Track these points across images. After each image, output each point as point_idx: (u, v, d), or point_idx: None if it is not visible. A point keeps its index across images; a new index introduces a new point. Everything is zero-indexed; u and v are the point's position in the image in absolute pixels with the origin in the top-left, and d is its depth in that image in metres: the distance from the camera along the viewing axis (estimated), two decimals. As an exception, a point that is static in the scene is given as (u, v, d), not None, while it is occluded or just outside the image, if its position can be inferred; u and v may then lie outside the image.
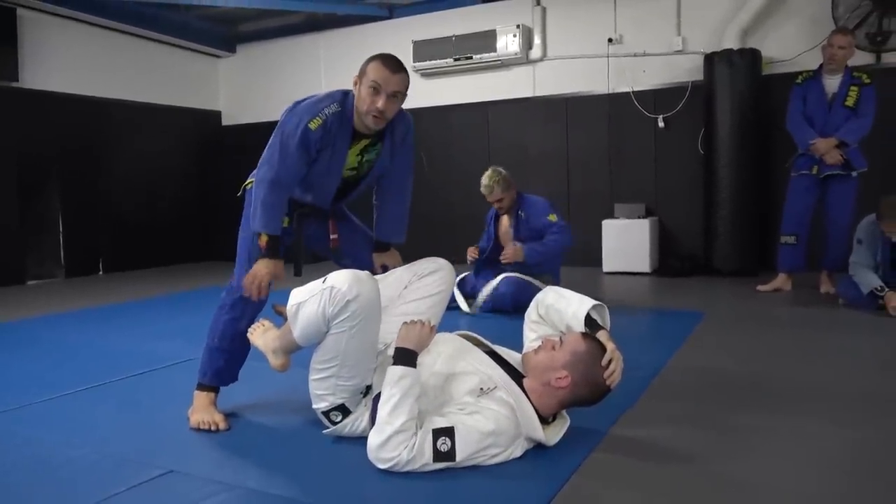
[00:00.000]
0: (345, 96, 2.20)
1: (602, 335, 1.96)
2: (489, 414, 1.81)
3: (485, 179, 4.23)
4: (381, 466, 1.77)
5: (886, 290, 3.74)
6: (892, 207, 3.67)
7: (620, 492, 1.70)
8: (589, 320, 2.01)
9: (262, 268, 2.18)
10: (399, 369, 1.83)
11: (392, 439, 1.75)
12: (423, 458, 1.76)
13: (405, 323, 1.96)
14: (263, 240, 2.17)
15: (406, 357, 1.87)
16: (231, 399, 2.39)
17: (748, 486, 1.71)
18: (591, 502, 1.65)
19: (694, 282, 5.26)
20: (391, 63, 2.13)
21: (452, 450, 1.76)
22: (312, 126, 2.12)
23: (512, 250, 4.10)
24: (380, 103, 2.11)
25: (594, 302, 2.05)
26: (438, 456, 1.76)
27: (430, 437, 1.76)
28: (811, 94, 4.45)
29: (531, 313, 2.22)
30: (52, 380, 2.89)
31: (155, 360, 3.18)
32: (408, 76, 2.18)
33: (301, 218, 2.36)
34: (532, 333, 2.19)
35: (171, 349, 3.37)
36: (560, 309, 2.09)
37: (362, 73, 2.15)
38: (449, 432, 1.77)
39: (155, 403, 2.55)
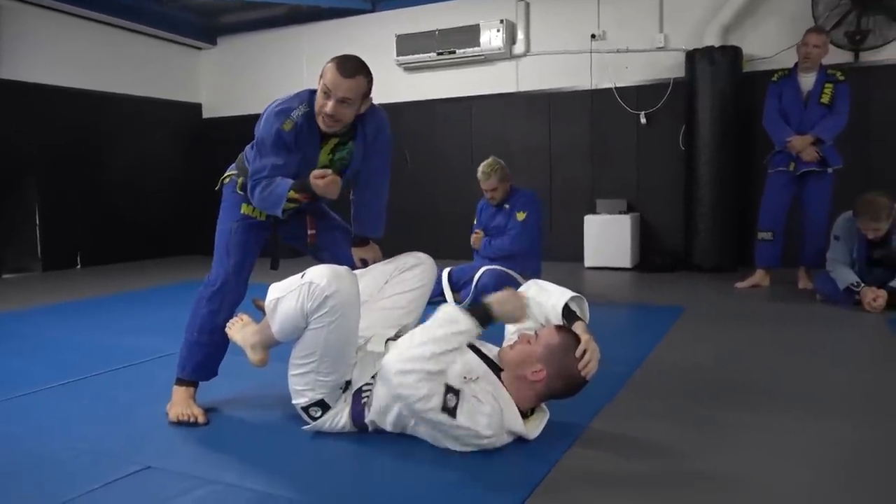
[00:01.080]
0: (312, 95, 2.18)
1: (578, 326, 1.97)
2: (483, 396, 1.82)
3: (483, 166, 4.27)
4: (394, 386, 1.77)
5: (862, 285, 3.79)
6: (867, 205, 3.72)
7: (600, 486, 1.71)
8: (568, 312, 2.02)
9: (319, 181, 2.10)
10: (469, 321, 1.83)
11: (417, 376, 1.75)
12: (431, 403, 1.76)
13: (510, 294, 1.95)
14: (295, 195, 2.10)
15: (485, 316, 1.86)
16: (210, 394, 2.37)
17: (728, 479, 1.72)
18: (570, 496, 1.66)
19: (674, 277, 5.31)
20: (344, 67, 2.09)
21: (455, 408, 1.78)
22: (286, 128, 2.13)
23: (474, 238, 4.39)
24: (328, 107, 2.10)
25: (573, 294, 2.06)
26: (445, 408, 1.77)
27: (442, 388, 1.77)
28: (787, 92, 4.50)
29: None
30: (28, 375, 2.85)
31: (133, 355, 3.15)
32: (364, 81, 2.13)
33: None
34: (512, 327, 2.20)
35: (150, 344, 3.33)
36: (540, 302, 2.10)
37: (322, 74, 2.13)
38: (456, 392, 1.79)
39: (133, 399, 2.52)
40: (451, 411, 1.78)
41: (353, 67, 2.10)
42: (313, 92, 2.18)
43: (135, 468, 1.85)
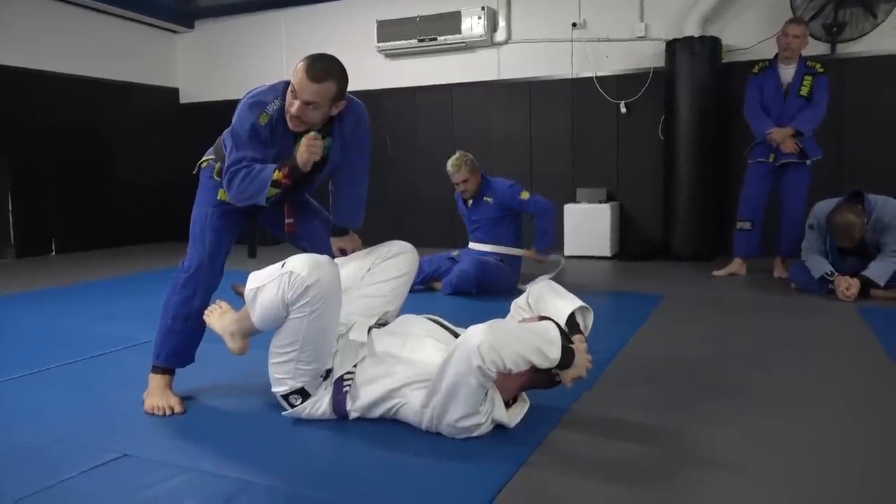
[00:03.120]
0: (287, 88, 2.13)
1: (578, 339, 1.96)
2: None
3: (452, 159, 4.26)
4: (472, 348, 1.71)
5: (836, 275, 3.85)
6: (843, 230, 3.75)
7: (580, 468, 1.73)
8: (572, 321, 2.02)
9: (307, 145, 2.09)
10: (556, 358, 1.80)
11: (495, 361, 1.71)
12: (481, 380, 1.74)
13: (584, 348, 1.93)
14: (279, 176, 2.08)
15: (566, 359, 1.83)
16: (187, 382, 2.35)
17: (705, 463, 1.75)
18: (551, 478, 1.68)
19: (653, 266, 5.35)
20: (313, 71, 2.02)
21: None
22: (261, 121, 2.09)
23: (529, 253, 4.34)
24: (293, 108, 2.06)
25: (582, 304, 2.06)
26: (482, 385, 1.79)
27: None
28: (767, 83, 4.54)
29: (520, 300, 2.22)
30: (1, 363, 2.80)
31: (109, 342, 3.11)
32: (333, 87, 2.05)
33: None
34: (513, 321, 2.18)
35: (126, 331, 3.30)
36: (548, 301, 2.10)
37: (295, 69, 2.07)
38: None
39: (109, 387, 2.49)
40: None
41: (322, 71, 2.03)
42: (288, 83, 2.14)
43: (112, 456, 1.84)
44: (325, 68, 2.04)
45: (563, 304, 2.06)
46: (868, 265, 3.83)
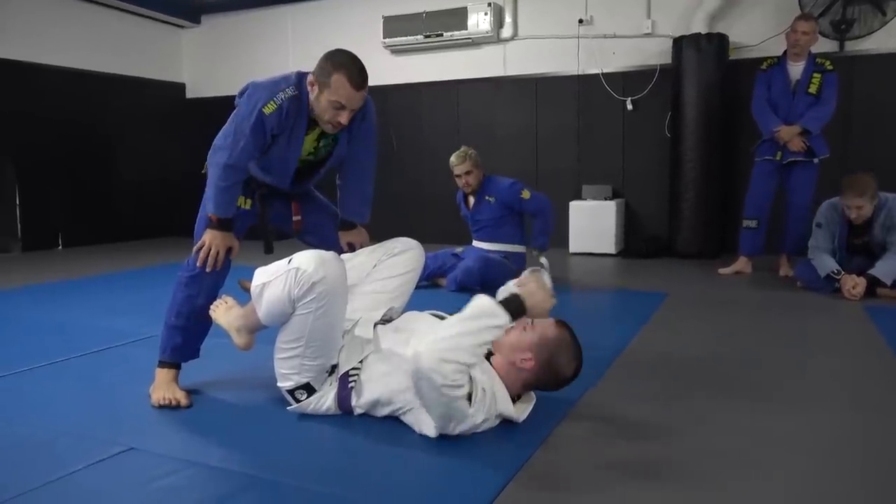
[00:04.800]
0: (301, 80, 2.13)
1: (531, 275, 1.91)
2: (479, 382, 1.81)
3: (457, 152, 4.24)
4: (426, 371, 1.68)
5: (842, 273, 3.84)
6: (853, 181, 3.76)
7: (586, 463, 1.73)
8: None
9: (213, 238, 2.17)
10: (505, 315, 1.74)
11: (455, 366, 1.69)
12: (461, 392, 1.72)
13: (538, 285, 1.85)
14: (214, 217, 2.17)
15: (517, 309, 1.78)
16: (194, 376, 2.36)
17: (709, 459, 1.75)
18: (557, 473, 1.68)
19: (658, 263, 5.34)
20: (357, 80, 2.04)
21: (471, 395, 1.76)
22: (267, 111, 2.08)
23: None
24: (343, 119, 2.09)
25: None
26: (469, 395, 1.76)
27: (468, 378, 1.75)
28: (775, 80, 4.52)
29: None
30: (6, 357, 2.82)
31: (115, 336, 3.12)
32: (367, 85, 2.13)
33: (264, 198, 2.33)
34: (452, 318, 2.17)
35: (132, 325, 3.31)
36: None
37: (324, 82, 2.05)
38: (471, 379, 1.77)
39: (115, 381, 2.50)
40: (469, 398, 1.76)
41: (363, 77, 2.07)
42: (302, 75, 2.14)
43: (118, 449, 1.85)
44: (364, 72, 2.08)
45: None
46: (875, 264, 3.82)
